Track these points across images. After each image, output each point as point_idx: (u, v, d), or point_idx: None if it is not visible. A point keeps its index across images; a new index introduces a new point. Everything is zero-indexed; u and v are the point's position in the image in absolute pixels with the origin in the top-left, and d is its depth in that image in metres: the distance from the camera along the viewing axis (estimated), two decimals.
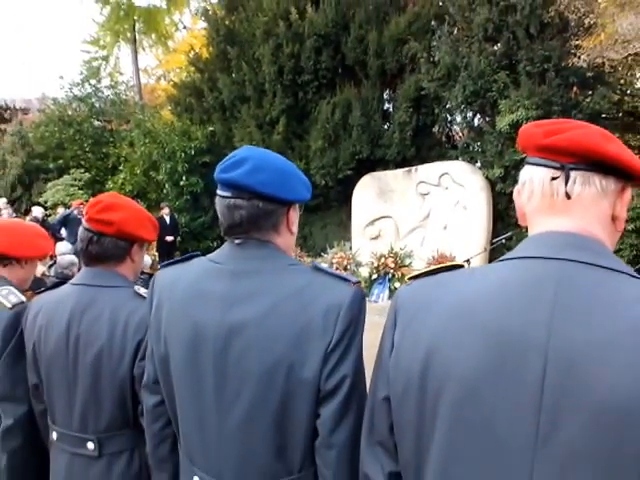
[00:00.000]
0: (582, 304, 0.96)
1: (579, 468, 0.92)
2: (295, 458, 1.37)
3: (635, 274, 1.01)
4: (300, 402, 1.34)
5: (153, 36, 23.91)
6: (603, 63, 9.83)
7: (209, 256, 1.51)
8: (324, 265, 1.48)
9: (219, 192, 1.44)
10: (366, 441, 1.22)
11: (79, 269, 3.96)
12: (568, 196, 1.04)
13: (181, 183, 13.35)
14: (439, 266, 1.19)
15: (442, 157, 11.68)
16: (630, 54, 9.62)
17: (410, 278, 1.22)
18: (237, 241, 1.44)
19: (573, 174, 1.04)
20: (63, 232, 11.40)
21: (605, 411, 0.90)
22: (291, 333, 1.33)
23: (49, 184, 16.29)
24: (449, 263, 1.19)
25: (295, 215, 1.51)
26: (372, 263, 10.86)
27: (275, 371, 1.33)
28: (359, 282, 1.44)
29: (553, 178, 1.06)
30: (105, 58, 23.55)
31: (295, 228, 1.52)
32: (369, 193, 11.59)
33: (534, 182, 1.09)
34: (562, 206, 1.06)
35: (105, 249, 1.89)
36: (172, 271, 1.55)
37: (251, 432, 1.36)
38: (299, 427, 1.36)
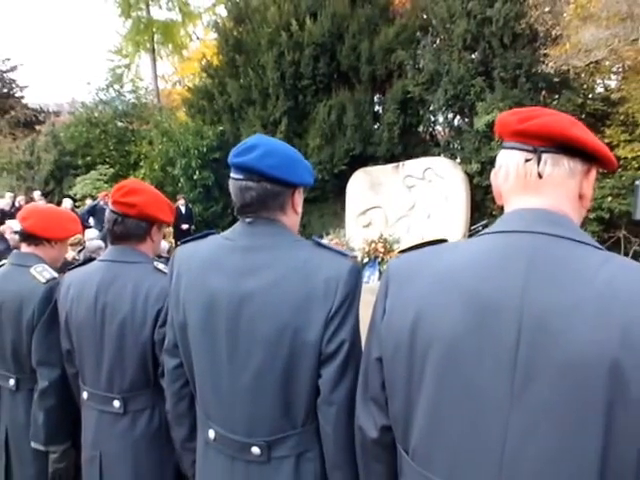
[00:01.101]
0: (552, 271, 0.96)
1: (550, 417, 0.92)
2: (299, 414, 1.38)
3: (599, 246, 1.01)
4: (304, 364, 1.34)
5: (170, 46, 23.70)
6: (568, 70, 9.82)
7: (223, 234, 1.51)
8: (324, 241, 1.47)
9: (232, 175, 1.44)
10: (361, 398, 1.22)
11: None
12: (540, 176, 1.05)
13: (195, 177, 13.27)
14: (425, 240, 1.18)
15: (426, 153, 11.62)
16: (592, 62, 9.61)
17: (400, 252, 1.21)
18: (248, 220, 1.44)
19: (544, 156, 1.04)
20: (91, 221, 11.37)
21: (572, 366, 0.90)
22: (296, 301, 1.33)
23: (78, 178, 16.23)
24: (434, 238, 1.19)
25: (300, 197, 1.50)
26: (364, 248, 10.85)
27: (281, 335, 1.33)
28: (355, 257, 1.43)
29: (526, 160, 1.06)
30: (127, 66, 23.36)
31: (299, 209, 1.52)
32: (361, 186, 11.55)
33: (509, 164, 1.09)
34: (534, 185, 1.06)
35: (128, 229, 1.89)
36: (190, 247, 1.55)
37: (260, 390, 1.36)
38: (303, 386, 1.36)
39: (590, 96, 11.54)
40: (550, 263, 0.97)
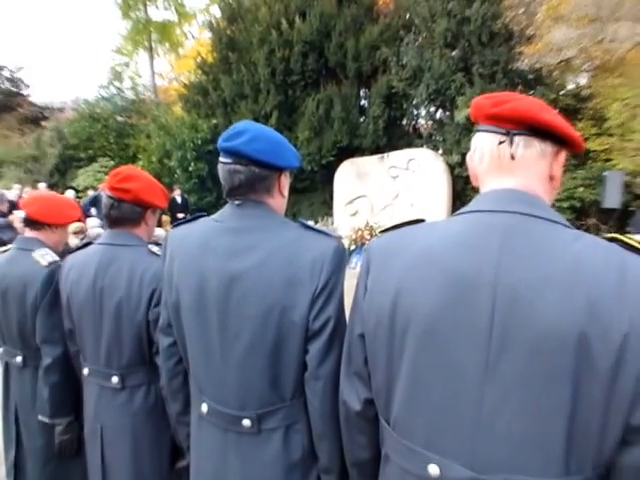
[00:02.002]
0: (525, 248, 0.95)
1: (521, 387, 0.92)
2: (288, 388, 1.37)
3: (569, 225, 1.00)
4: (291, 340, 1.33)
5: (167, 45, 23.59)
6: (541, 67, 9.88)
7: (213, 216, 1.49)
8: (310, 222, 1.45)
9: (221, 159, 1.41)
10: (344, 372, 1.21)
11: None
12: (513, 157, 1.04)
13: (190, 169, 13.18)
14: (405, 221, 1.17)
15: (410, 145, 11.60)
16: (563, 60, 9.66)
17: (380, 232, 1.20)
18: (237, 202, 1.42)
19: (517, 139, 1.03)
20: (93, 211, 11.27)
21: (543, 339, 0.90)
22: (283, 280, 1.31)
23: (80, 171, 16.13)
24: (413, 218, 1.17)
25: (286, 180, 1.48)
26: (351, 236, 10.86)
27: (270, 313, 1.31)
28: (340, 237, 1.42)
29: (500, 142, 1.05)
30: (127, 64, 23.17)
31: (286, 192, 1.49)
32: (348, 176, 11.53)
33: (484, 147, 1.08)
34: (507, 167, 1.05)
35: (124, 213, 1.87)
36: (182, 229, 1.53)
37: (250, 365, 1.35)
38: (291, 361, 1.35)
39: (562, 92, 11.58)
40: (523, 240, 0.96)
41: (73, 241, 5.56)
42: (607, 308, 0.88)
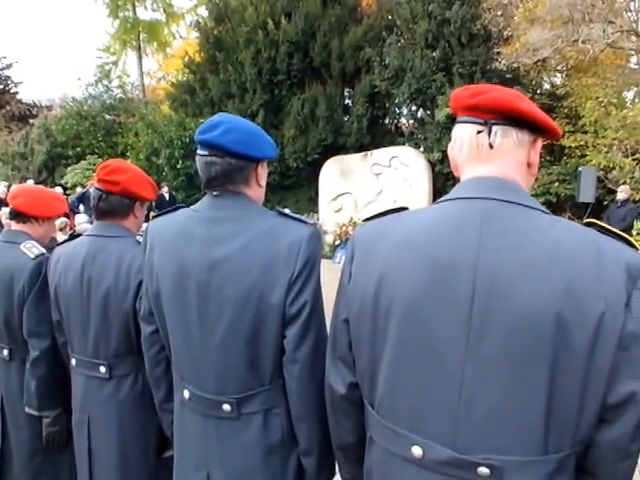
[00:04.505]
0: (503, 232, 0.95)
1: (501, 367, 0.92)
2: (266, 372, 1.36)
3: (546, 210, 1.00)
4: (269, 324, 1.31)
5: (155, 44, 23.32)
6: (518, 67, 9.98)
7: (192, 207, 1.48)
8: (287, 210, 1.44)
9: (198, 151, 1.39)
10: (330, 357, 1.20)
11: None
12: (491, 146, 1.03)
13: (178, 166, 13.12)
14: (388, 209, 1.16)
15: (392, 143, 11.68)
16: (539, 60, 9.76)
17: (364, 220, 1.19)
18: (215, 193, 1.40)
19: (494, 128, 1.03)
20: (81, 207, 11.15)
21: (521, 320, 0.90)
22: (261, 266, 1.30)
23: (69, 168, 15.93)
24: (396, 207, 1.16)
25: (263, 171, 1.46)
26: (335, 231, 10.90)
27: (248, 298, 1.30)
28: (316, 224, 1.41)
29: (478, 132, 1.04)
30: (115, 63, 22.91)
31: (263, 182, 1.47)
32: (333, 173, 11.54)
33: (464, 136, 1.07)
34: (486, 155, 1.04)
35: (112, 205, 1.83)
36: (162, 220, 1.51)
37: (229, 350, 1.34)
38: (269, 346, 1.33)
39: (538, 91, 11.74)
40: (501, 225, 0.96)
41: (59, 237, 5.49)
42: (584, 289, 0.88)
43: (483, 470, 0.93)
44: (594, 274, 0.89)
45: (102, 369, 1.81)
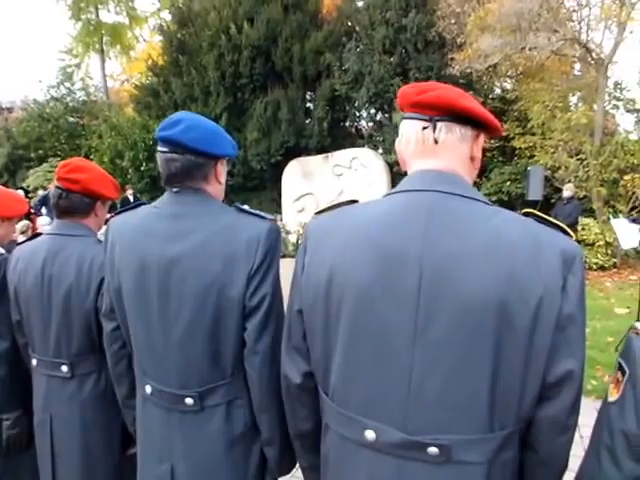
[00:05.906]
0: (448, 223, 0.97)
1: (448, 353, 0.94)
2: (228, 365, 1.34)
3: (489, 202, 1.03)
4: (230, 317, 1.30)
5: (118, 47, 22.88)
6: (471, 72, 10.19)
7: (152, 204, 1.45)
8: (246, 206, 1.44)
9: (159, 148, 1.37)
10: (285, 347, 1.20)
11: None
12: (436, 142, 1.05)
13: (142, 168, 12.86)
14: (339, 202, 1.17)
15: (352, 145, 11.75)
16: (490, 66, 10.00)
17: (316, 213, 1.20)
18: (174, 189, 1.38)
19: (439, 124, 1.04)
20: (43, 210, 10.80)
21: (468, 305, 0.92)
22: (220, 261, 1.29)
23: (31, 171, 15.42)
24: (347, 199, 1.17)
25: (223, 168, 1.44)
26: (298, 231, 10.86)
27: (209, 292, 1.29)
28: (274, 219, 1.41)
29: (424, 128, 1.06)
30: (78, 65, 22.28)
31: (223, 179, 1.46)
32: (295, 175, 11.49)
33: (410, 132, 1.09)
34: (431, 150, 1.06)
35: (72, 203, 1.78)
36: (122, 217, 1.48)
37: (190, 344, 1.32)
38: (230, 339, 1.32)
39: (490, 96, 12.01)
40: (446, 216, 0.98)
41: (20, 239, 5.32)
42: (524, 275, 0.91)
43: (432, 450, 0.95)
44: (533, 260, 0.92)
45: (64, 368, 1.75)
